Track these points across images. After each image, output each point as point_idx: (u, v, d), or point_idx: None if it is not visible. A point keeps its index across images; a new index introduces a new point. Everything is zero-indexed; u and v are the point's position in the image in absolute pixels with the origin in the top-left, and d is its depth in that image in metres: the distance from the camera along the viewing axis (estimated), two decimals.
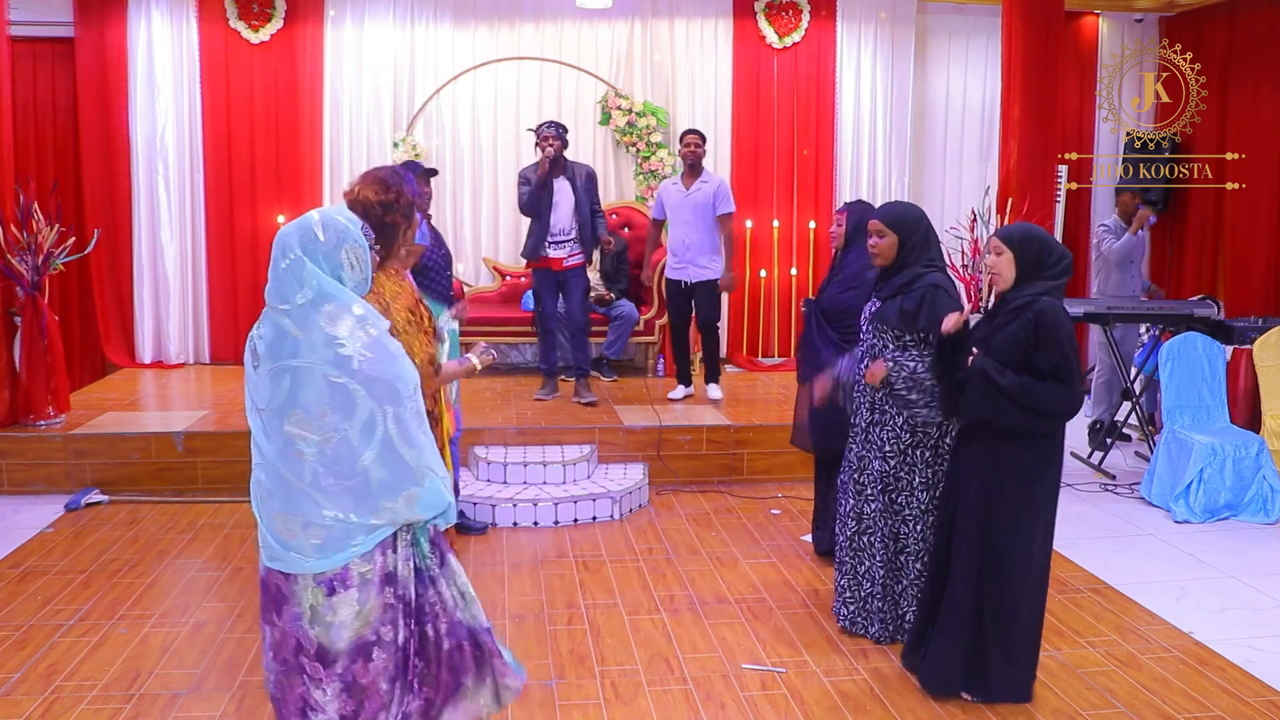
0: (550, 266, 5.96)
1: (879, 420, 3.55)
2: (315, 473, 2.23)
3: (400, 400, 2.27)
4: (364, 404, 2.23)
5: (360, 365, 2.22)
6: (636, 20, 7.57)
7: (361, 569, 2.31)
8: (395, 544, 2.36)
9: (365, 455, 2.23)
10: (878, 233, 3.55)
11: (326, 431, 2.22)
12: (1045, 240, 3.14)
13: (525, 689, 3.28)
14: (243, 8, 7.25)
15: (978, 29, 7.93)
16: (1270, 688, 3.35)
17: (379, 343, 2.27)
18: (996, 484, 3.12)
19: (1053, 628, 3.78)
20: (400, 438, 2.26)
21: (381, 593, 2.34)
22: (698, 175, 6.13)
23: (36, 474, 5.37)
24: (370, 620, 2.33)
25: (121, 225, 7.28)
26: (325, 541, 2.27)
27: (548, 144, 5.81)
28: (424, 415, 2.36)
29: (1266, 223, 7.21)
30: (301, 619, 2.32)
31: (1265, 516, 5.09)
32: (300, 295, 2.24)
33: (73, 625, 3.75)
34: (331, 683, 2.33)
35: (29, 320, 5.54)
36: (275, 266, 2.28)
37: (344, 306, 2.26)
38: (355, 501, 2.25)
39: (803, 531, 4.79)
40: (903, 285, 3.49)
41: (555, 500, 4.99)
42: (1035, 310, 3.02)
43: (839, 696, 3.27)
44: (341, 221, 2.34)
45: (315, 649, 2.33)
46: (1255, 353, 5.66)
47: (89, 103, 7.17)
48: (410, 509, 2.30)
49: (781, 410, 6.15)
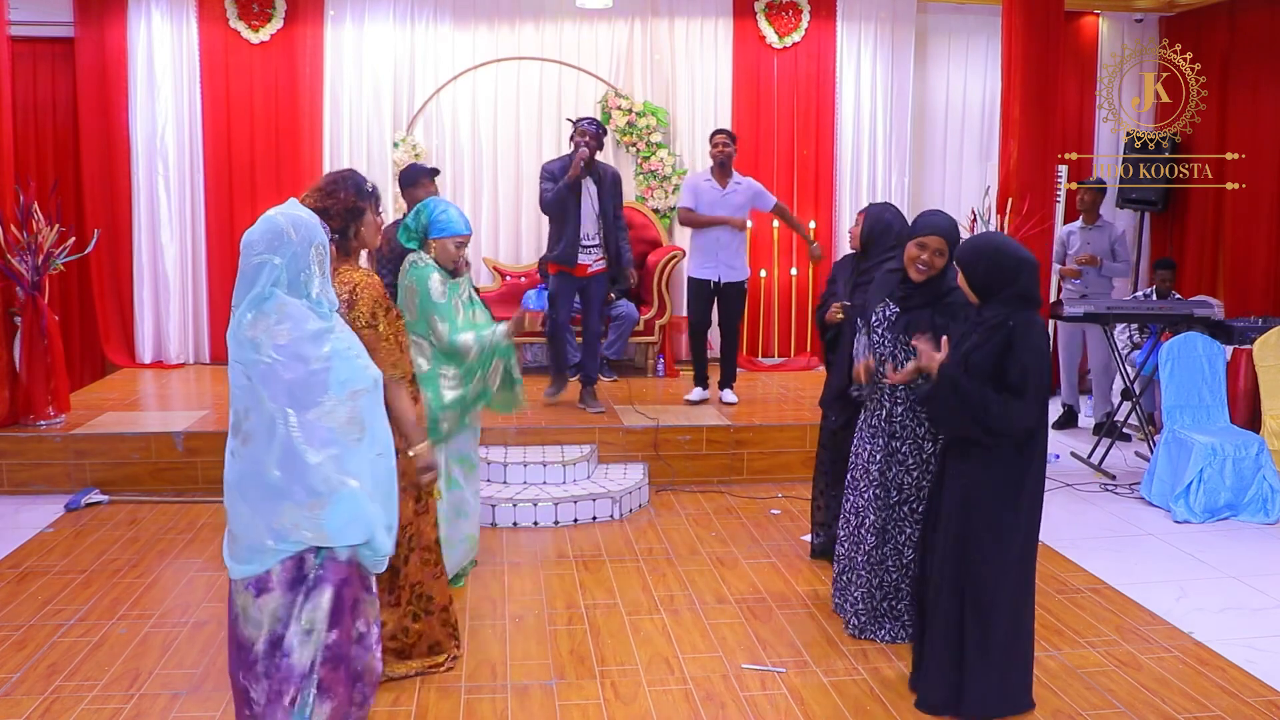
0: (576, 273, 5.79)
1: (899, 433, 3.51)
2: (240, 472, 2.31)
3: (301, 404, 2.26)
4: (266, 404, 2.26)
5: (265, 365, 2.25)
6: (636, 20, 7.57)
7: (277, 571, 2.36)
8: (317, 548, 2.38)
9: (268, 459, 2.26)
10: (937, 251, 3.38)
11: (246, 431, 2.28)
12: (995, 252, 3.02)
13: (525, 689, 3.29)
14: (243, 8, 7.25)
15: (978, 29, 7.93)
16: (1270, 688, 3.35)
17: (291, 348, 2.28)
18: (971, 498, 3.05)
19: (1053, 628, 3.78)
20: (305, 443, 2.26)
21: (291, 592, 2.38)
22: (729, 174, 6.06)
23: (36, 474, 5.37)
24: (280, 616, 2.38)
25: (121, 225, 7.28)
26: (238, 547, 2.35)
27: (584, 140, 5.54)
28: (360, 426, 2.34)
29: (1266, 223, 7.21)
30: (237, 621, 2.42)
31: (1265, 516, 5.09)
32: (251, 295, 2.29)
33: (73, 625, 3.75)
34: (260, 681, 2.40)
35: (29, 320, 5.54)
36: (241, 268, 2.32)
37: (280, 309, 2.28)
38: (262, 505, 2.28)
39: (803, 531, 4.79)
40: (939, 296, 3.40)
41: (555, 500, 4.99)
42: (1010, 327, 2.96)
43: (839, 697, 3.27)
44: (308, 220, 2.37)
45: (248, 648, 2.41)
46: (1255, 353, 5.66)
47: (89, 103, 7.16)
48: (317, 526, 2.29)
49: (781, 410, 6.16)
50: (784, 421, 5.81)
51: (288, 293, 2.30)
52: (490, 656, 3.53)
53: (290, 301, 2.30)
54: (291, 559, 2.36)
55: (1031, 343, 2.95)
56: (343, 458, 2.30)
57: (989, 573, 3.05)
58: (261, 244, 2.30)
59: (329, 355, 2.31)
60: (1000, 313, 2.99)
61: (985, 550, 3.04)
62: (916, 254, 3.42)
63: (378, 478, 2.40)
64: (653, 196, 7.50)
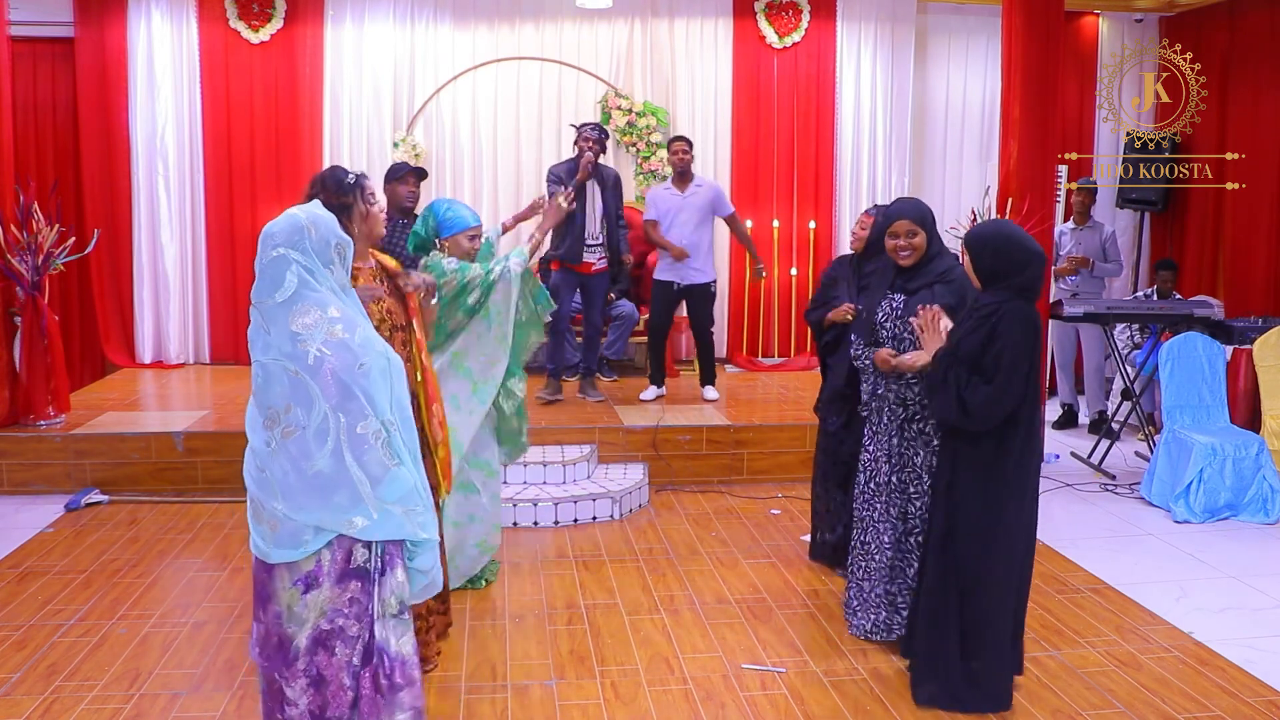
0: (580, 270, 5.98)
1: (913, 416, 3.48)
2: (282, 467, 2.25)
3: (356, 411, 2.24)
4: (319, 403, 2.23)
5: (315, 360, 2.23)
6: (636, 20, 7.57)
7: (325, 559, 2.32)
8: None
9: (318, 458, 2.24)
10: (908, 233, 3.45)
11: (289, 425, 2.24)
12: (1007, 240, 3.04)
13: (525, 689, 3.29)
14: (243, 8, 7.25)
15: (978, 29, 7.93)
16: (1270, 688, 3.35)
17: (345, 344, 2.27)
18: (953, 491, 3.07)
19: (1053, 628, 3.78)
20: (351, 454, 2.24)
21: (341, 585, 2.34)
22: (689, 180, 6.20)
23: (36, 474, 5.36)
24: (325, 611, 2.34)
25: (121, 225, 7.28)
26: (279, 533, 2.29)
27: (589, 145, 5.78)
28: (392, 443, 2.30)
29: (1266, 223, 7.21)
30: (281, 618, 2.36)
31: (1265, 516, 5.09)
32: (280, 293, 2.25)
33: (73, 625, 3.75)
34: (298, 679, 2.36)
35: (29, 320, 5.54)
36: (259, 261, 2.29)
37: (318, 305, 2.26)
38: (306, 501, 2.26)
39: (803, 531, 4.79)
40: (940, 274, 3.43)
41: (555, 500, 4.99)
42: (999, 313, 2.97)
43: (839, 696, 3.27)
44: (328, 218, 2.36)
45: (289, 645, 2.36)
46: (1255, 353, 5.66)
47: (89, 103, 7.17)
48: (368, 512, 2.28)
49: (781, 410, 6.16)
50: (784, 421, 5.81)
51: (316, 286, 2.28)
52: (490, 656, 3.53)
53: (320, 293, 2.29)
54: (341, 551, 2.32)
55: (1012, 331, 2.95)
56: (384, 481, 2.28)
57: (972, 568, 3.06)
58: (281, 236, 2.29)
59: (368, 360, 2.29)
60: (995, 300, 3.00)
61: (968, 545, 3.06)
62: (893, 245, 3.50)
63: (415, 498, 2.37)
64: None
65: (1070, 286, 6.71)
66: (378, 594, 2.38)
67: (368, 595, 2.37)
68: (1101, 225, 6.91)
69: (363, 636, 2.37)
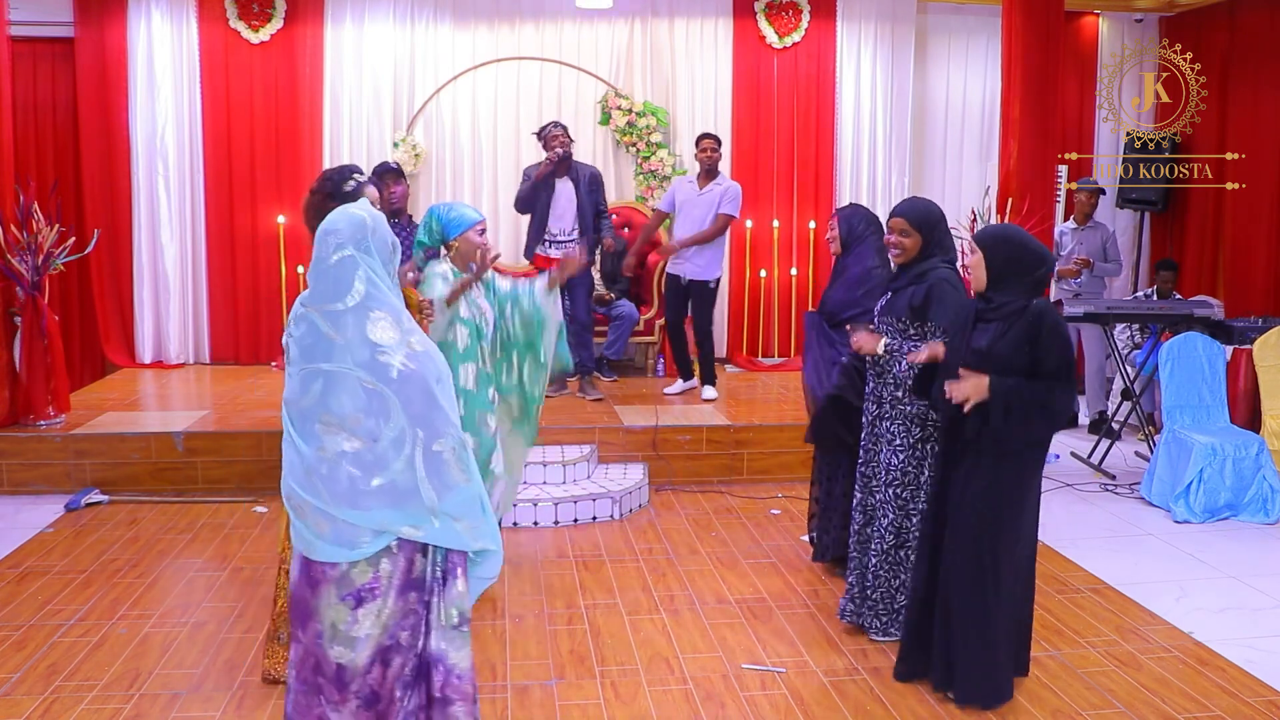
0: (538, 264, 6.05)
1: (888, 413, 3.53)
2: (347, 474, 2.15)
3: (435, 426, 2.18)
4: (398, 416, 2.15)
5: (400, 375, 2.14)
6: (636, 20, 7.57)
7: (385, 571, 2.23)
8: (426, 548, 2.29)
9: (390, 470, 2.17)
10: (901, 232, 3.49)
11: (361, 434, 2.14)
12: (1021, 243, 3.08)
13: (525, 689, 3.29)
14: (243, 8, 7.25)
15: (978, 29, 7.93)
16: (1270, 688, 3.35)
17: (425, 358, 2.20)
18: (993, 497, 3.07)
19: (1053, 628, 3.78)
20: (426, 469, 2.17)
21: (403, 597, 2.27)
22: (713, 178, 6.21)
23: (36, 474, 5.36)
24: (389, 626, 2.27)
25: (121, 225, 7.28)
26: (331, 532, 2.21)
27: (556, 143, 5.89)
28: (464, 458, 2.26)
29: (1266, 223, 7.21)
30: (322, 638, 2.25)
31: (1265, 516, 5.09)
32: (350, 297, 2.13)
33: (73, 625, 3.75)
34: (348, 703, 2.27)
35: (29, 320, 5.54)
36: (321, 263, 2.16)
37: (391, 314, 2.17)
38: (371, 503, 2.19)
39: (802, 531, 4.79)
40: (916, 276, 3.48)
41: (555, 500, 4.99)
42: (1034, 312, 2.99)
43: (839, 696, 3.27)
44: (382, 216, 2.27)
45: (334, 671, 2.25)
46: (1255, 353, 5.66)
47: (89, 103, 7.16)
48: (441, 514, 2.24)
49: (781, 410, 6.16)
50: (784, 421, 5.81)
51: (383, 291, 2.19)
52: (490, 656, 3.53)
53: (388, 299, 2.20)
54: (404, 560, 2.25)
55: (1058, 327, 2.99)
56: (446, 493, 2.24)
57: (1005, 569, 3.08)
58: (346, 234, 2.16)
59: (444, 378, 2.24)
60: (1016, 299, 3.02)
61: (1002, 548, 3.08)
62: (886, 241, 3.58)
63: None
64: (653, 196, 7.49)
65: (1074, 287, 6.71)
66: (438, 605, 2.31)
67: (424, 606, 2.31)
68: (1102, 225, 6.92)
69: (416, 647, 2.29)
